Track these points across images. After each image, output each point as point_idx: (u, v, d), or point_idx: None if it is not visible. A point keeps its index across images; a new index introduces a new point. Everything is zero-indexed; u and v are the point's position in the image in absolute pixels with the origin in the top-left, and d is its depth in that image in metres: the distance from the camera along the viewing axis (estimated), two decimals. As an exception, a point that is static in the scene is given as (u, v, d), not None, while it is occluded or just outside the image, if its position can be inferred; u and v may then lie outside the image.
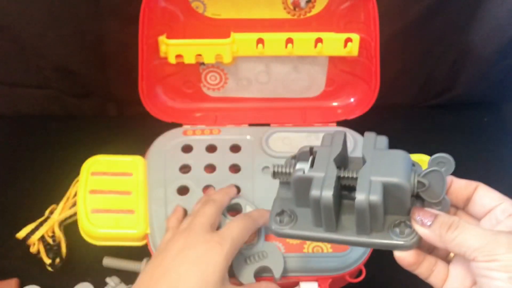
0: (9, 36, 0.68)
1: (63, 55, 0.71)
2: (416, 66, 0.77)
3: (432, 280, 0.39)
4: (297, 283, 0.54)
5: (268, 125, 0.67)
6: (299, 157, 0.42)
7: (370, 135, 0.41)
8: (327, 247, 0.54)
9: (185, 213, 0.56)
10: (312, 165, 0.40)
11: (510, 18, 0.68)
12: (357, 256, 0.54)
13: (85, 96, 0.78)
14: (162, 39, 0.60)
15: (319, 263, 0.53)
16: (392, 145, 0.59)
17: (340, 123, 0.67)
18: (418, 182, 0.38)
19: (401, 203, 0.38)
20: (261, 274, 0.52)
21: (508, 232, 0.35)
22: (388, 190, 0.37)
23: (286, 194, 0.43)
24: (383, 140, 0.41)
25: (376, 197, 0.36)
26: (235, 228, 0.48)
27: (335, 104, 0.69)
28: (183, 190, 0.59)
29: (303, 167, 0.40)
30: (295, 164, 0.41)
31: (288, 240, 0.54)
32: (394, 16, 0.67)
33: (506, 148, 0.77)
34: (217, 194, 0.54)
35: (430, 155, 0.60)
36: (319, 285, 0.53)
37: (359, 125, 0.65)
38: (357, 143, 0.63)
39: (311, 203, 0.38)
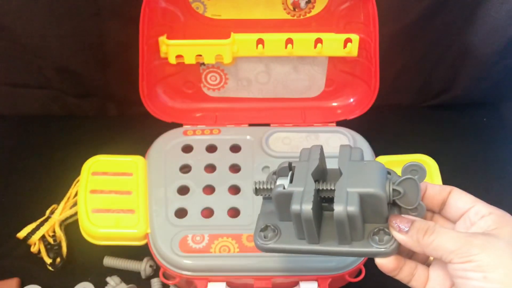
0: (10, 36, 0.69)
1: (63, 55, 0.71)
2: (415, 66, 0.77)
3: (413, 284, 0.40)
4: (297, 283, 0.54)
5: (268, 125, 0.67)
6: (279, 173, 0.43)
7: (345, 148, 0.42)
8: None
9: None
10: (291, 181, 0.41)
11: (509, 18, 0.68)
12: (356, 256, 0.54)
13: (86, 96, 0.78)
14: (163, 39, 0.60)
15: (318, 262, 0.53)
16: (391, 145, 0.60)
17: (339, 123, 0.67)
18: (394, 190, 0.39)
19: (378, 212, 0.39)
20: None
21: (481, 233, 0.36)
22: (365, 200, 0.38)
23: (269, 208, 0.44)
24: (358, 151, 0.42)
25: (353, 208, 0.37)
26: None
27: (334, 104, 0.69)
28: (183, 190, 0.59)
29: (283, 182, 0.41)
30: (276, 180, 0.43)
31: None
32: (394, 16, 0.68)
33: (505, 148, 0.77)
34: None
35: (430, 155, 0.61)
36: (319, 284, 0.53)
37: (359, 125, 0.65)
38: (356, 144, 0.63)
39: (292, 217, 0.40)
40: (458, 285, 0.36)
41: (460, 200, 0.40)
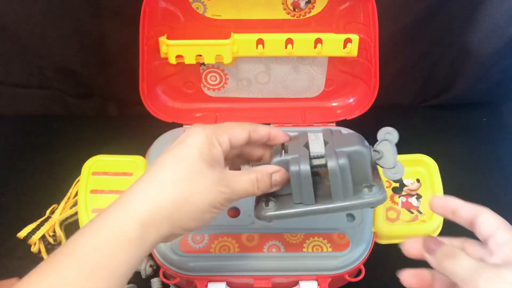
0: (10, 36, 0.69)
1: (64, 56, 0.71)
2: (415, 66, 0.77)
3: None
4: (296, 282, 0.54)
5: (268, 125, 0.67)
6: (273, 153, 0.47)
7: (327, 129, 0.48)
8: (326, 247, 0.54)
9: None
10: (286, 152, 0.45)
11: (509, 19, 0.68)
12: (356, 256, 0.54)
13: (86, 97, 0.78)
14: (163, 39, 0.61)
15: (318, 262, 0.53)
16: None
17: (339, 123, 0.67)
18: (374, 151, 0.45)
19: (363, 171, 0.44)
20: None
21: (494, 265, 0.36)
22: (351, 158, 0.43)
23: None
24: (338, 130, 0.48)
25: (343, 160, 0.42)
26: (225, 122, 0.45)
27: (334, 104, 0.69)
28: (183, 190, 0.59)
29: (277, 155, 0.45)
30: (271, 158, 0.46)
31: (287, 240, 0.54)
32: (394, 16, 0.68)
33: (504, 148, 0.77)
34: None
35: (429, 155, 0.61)
36: (318, 284, 0.53)
37: (358, 125, 0.66)
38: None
39: (291, 179, 0.44)
40: None
41: (484, 226, 0.39)
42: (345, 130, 0.65)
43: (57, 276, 0.34)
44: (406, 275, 0.41)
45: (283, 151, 0.46)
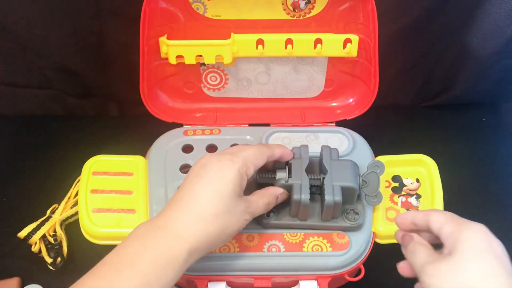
0: (11, 36, 0.69)
1: (64, 56, 0.71)
2: (414, 66, 0.77)
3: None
4: (296, 282, 0.54)
5: (268, 125, 0.67)
6: (277, 166, 0.55)
7: (326, 148, 0.56)
8: (326, 246, 0.54)
9: None
10: (290, 174, 0.54)
11: (508, 18, 0.68)
12: (356, 256, 0.54)
13: (86, 96, 0.78)
14: (163, 40, 0.61)
15: (318, 262, 0.53)
16: (390, 145, 0.61)
17: (339, 123, 0.67)
18: (362, 180, 0.54)
19: (351, 197, 0.54)
20: None
21: (438, 259, 0.41)
22: (344, 191, 0.53)
23: None
24: (335, 151, 0.56)
25: (338, 197, 0.52)
26: (248, 149, 0.50)
27: (334, 104, 0.69)
28: (183, 190, 0.59)
29: (282, 175, 0.54)
30: (275, 172, 0.54)
31: (287, 239, 0.54)
32: (393, 16, 0.68)
33: (504, 148, 0.77)
34: (272, 144, 0.56)
35: (429, 155, 0.61)
36: (318, 284, 0.53)
37: (358, 125, 0.66)
38: (356, 143, 0.63)
39: (292, 203, 0.53)
40: None
41: (435, 223, 0.44)
42: (345, 131, 0.65)
43: (119, 283, 0.40)
44: (402, 265, 0.47)
45: (286, 169, 0.54)
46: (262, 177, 0.55)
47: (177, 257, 0.43)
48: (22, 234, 0.63)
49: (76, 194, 0.67)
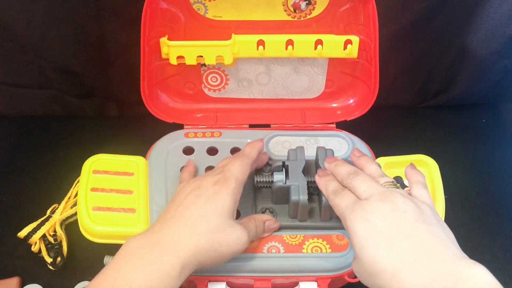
0: (11, 36, 0.69)
1: (64, 56, 0.71)
2: (414, 67, 0.77)
3: None
4: (296, 283, 0.54)
5: (268, 125, 0.67)
6: (274, 169, 0.57)
7: (321, 149, 0.57)
8: (326, 248, 0.54)
9: (196, 168, 0.61)
10: (287, 176, 0.55)
11: (508, 19, 0.68)
12: (356, 256, 0.54)
13: (87, 97, 0.78)
14: (164, 40, 0.61)
15: (318, 263, 0.54)
16: (391, 146, 0.61)
17: (339, 124, 0.67)
18: None
19: None
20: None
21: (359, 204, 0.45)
22: None
23: (264, 195, 0.58)
24: (330, 152, 0.57)
25: None
26: (235, 169, 0.52)
27: (334, 105, 0.70)
28: (184, 191, 0.59)
29: (280, 177, 0.55)
30: (272, 174, 0.56)
31: (287, 241, 0.55)
32: (393, 17, 0.68)
33: (504, 148, 0.78)
34: (245, 148, 0.57)
35: (429, 155, 0.61)
36: (318, 285, 0.53)
37: (359, 126, 0.66)
38: (355, 144, 0.63)
39: (291, 204, 0.54)
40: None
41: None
42: (345, 134, 0.65)
43: None
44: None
45: (283, 171, 0.55)
46: (260, 181, 0.57)
47: (172, 273, 0.44)
48: (22, 234, 0.63)
49: (76, 194, 0.67)
